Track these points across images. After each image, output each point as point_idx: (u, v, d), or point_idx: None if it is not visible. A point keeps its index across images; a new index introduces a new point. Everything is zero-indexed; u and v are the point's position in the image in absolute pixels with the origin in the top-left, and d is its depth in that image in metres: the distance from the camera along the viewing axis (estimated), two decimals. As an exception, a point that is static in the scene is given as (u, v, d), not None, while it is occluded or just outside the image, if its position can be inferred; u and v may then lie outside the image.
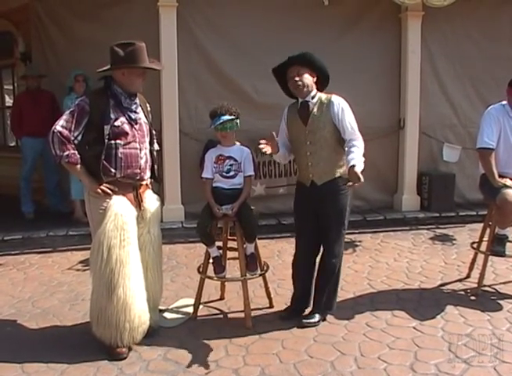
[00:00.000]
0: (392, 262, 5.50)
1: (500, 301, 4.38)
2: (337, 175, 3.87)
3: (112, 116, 3.50)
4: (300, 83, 3.83)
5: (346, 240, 6.18)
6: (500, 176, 4.40)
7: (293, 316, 4.05)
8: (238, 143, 4.12)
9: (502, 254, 4.60)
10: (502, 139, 4.48)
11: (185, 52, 6.50)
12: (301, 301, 4.14)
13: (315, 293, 4.05)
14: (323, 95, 3.91)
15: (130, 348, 3.57)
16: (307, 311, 4.11)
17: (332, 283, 4.01)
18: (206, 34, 6.64)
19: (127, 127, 3.56)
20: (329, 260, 3.95)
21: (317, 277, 4.05)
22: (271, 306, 4.30)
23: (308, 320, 3.95)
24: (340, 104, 3.83)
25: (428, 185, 7.24)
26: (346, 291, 4.66)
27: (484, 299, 4.43)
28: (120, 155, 3.53)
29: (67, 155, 3.44)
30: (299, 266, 4.12)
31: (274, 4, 6.71)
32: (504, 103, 4.56)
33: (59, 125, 3.44)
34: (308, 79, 3.84)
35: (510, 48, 7.41)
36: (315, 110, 3.85)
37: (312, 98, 3.88)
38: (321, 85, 3.95)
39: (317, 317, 3.97)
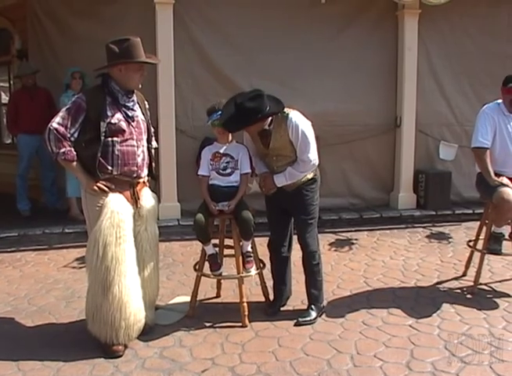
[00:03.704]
0: (388, 260, 5.51)
1: (496, 300, 4.38)
2: (305, 180, 3.99)
3: (108, 113, 3.48)
4: (257, 136, 3.93)
5: (342, 237, 6.32)
6: (496, 175, 4.40)
7: (276, 308, 4.18)
8: (234, 141, 4.12)
9: (498, 253, 4.61)
10: (498, 138, 4.49)
11: (181, 49, 6.48)
12: (278, 290, 4.25)
13: (306, 287, 4.11)
14: (279, 114, 3.87)
15: (126, 346, 3.56)
16: (289, 303, 4.27)
17: (315, 274, 4.06)
18: (202, 32, 6.62)
19: (123, 124, 3.54)
20: (305, 250, 4.03)
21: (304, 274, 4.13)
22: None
23: (304, 318, 3.96)
24: (295, 123, 3.81)
25: (424, 183, 7.23)
26: (342, 288, 4.66)
27: (480, 297, 4.44)
28: (116, 152, 3.52)
29: (64, 152, 3.43)
30: (273, 258, 4.24)
31: (271, 1, 6.68)
32: (499, 101, 4.57)
33: (56, 122, 3.42)
34: (261, 126, 3.84)
35: (507, 45, 7.41)
36: (274, 134, 3.88)
37: (270, 124, 3.88)
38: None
39: (313, 315, 3.98)
